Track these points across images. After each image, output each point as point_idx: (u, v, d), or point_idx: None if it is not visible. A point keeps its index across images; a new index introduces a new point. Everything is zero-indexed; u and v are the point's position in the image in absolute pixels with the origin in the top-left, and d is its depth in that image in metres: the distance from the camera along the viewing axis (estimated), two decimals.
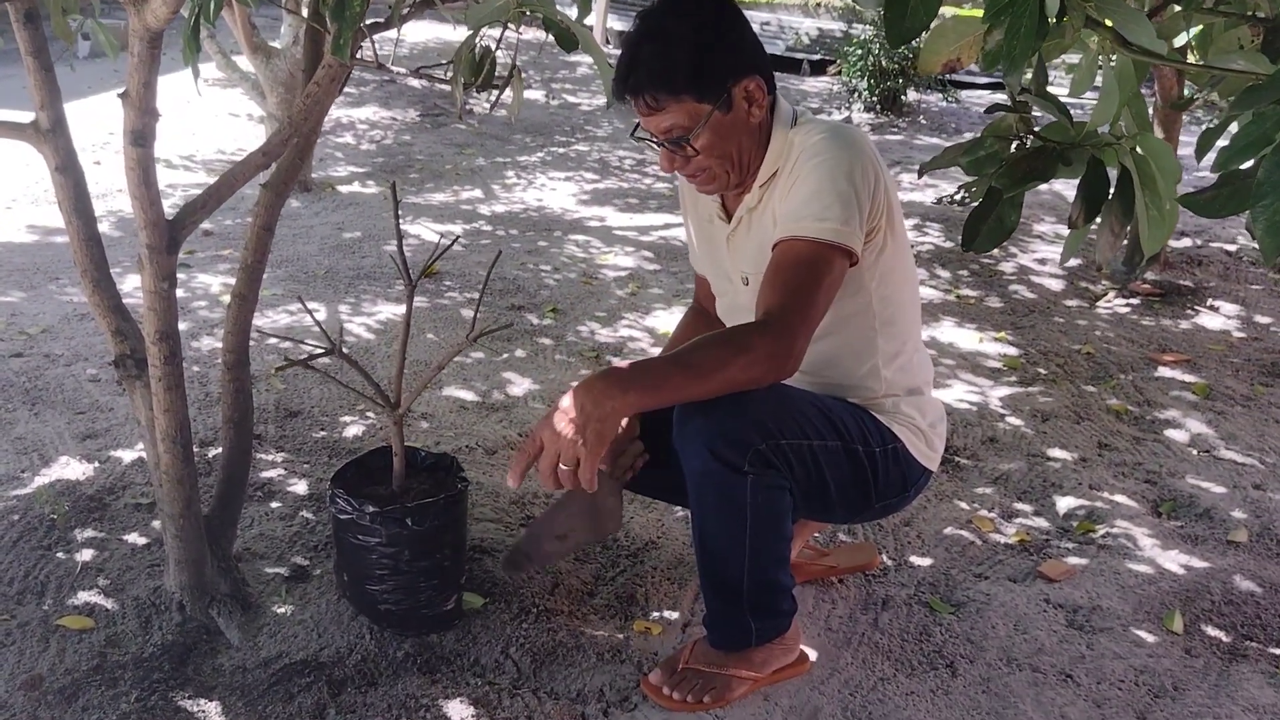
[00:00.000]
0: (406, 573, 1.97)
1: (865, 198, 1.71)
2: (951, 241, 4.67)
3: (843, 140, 1.73)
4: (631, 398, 1.56)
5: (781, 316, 1.62)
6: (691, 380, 1.60)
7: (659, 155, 1.82)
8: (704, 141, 1.74)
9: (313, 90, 1.82)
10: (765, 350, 1.60)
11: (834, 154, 1.71)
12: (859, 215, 1.69)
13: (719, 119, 1.73)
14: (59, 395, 2.94)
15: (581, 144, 6.20)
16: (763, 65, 1.77)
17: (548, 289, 3.92)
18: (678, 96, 1.70)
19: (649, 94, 1.71)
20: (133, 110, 1.58)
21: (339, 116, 6.47)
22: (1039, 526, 2.52)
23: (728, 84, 1.72)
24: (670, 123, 1.73)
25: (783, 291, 1.65)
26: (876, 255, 1.80)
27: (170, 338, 1.82)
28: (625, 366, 1.61)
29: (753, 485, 1.69)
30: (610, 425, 1.55)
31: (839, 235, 1.66)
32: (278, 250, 4.23)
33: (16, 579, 2.12)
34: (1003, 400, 3.18)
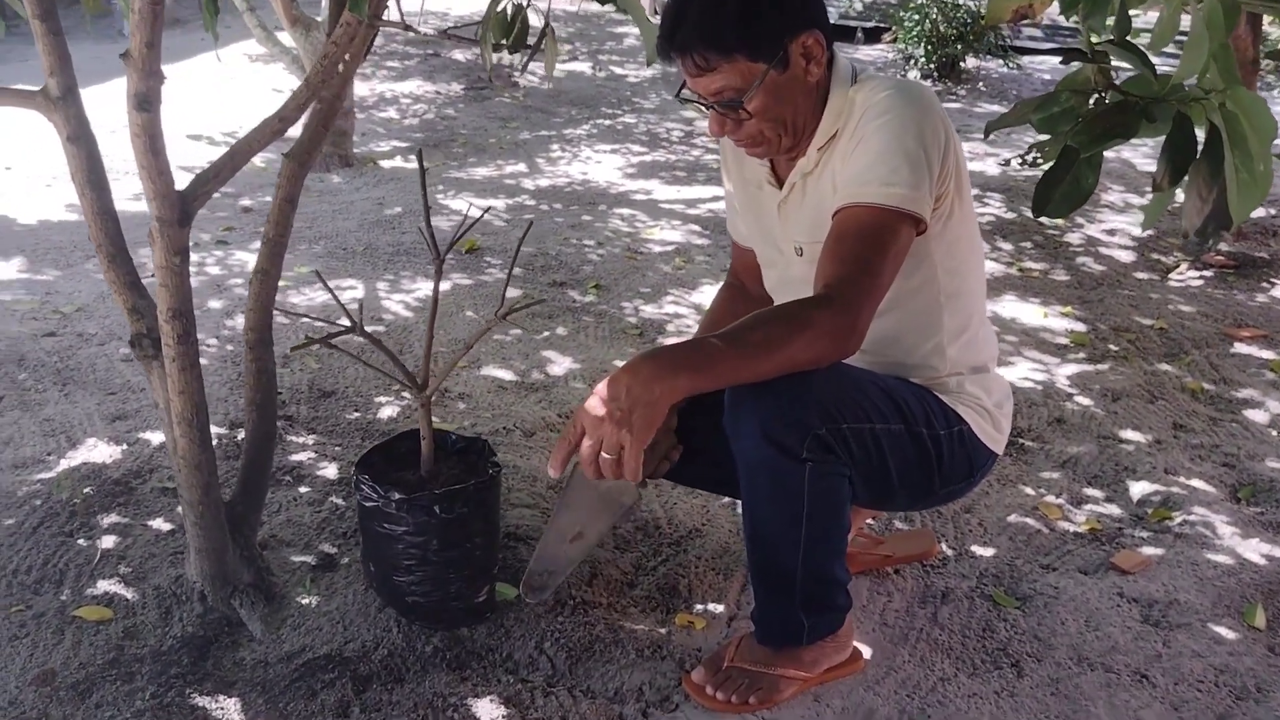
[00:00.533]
0: (435, 563, 1.87)
1: (935, 160, 1.56)
2: (1014, 212, 4.47)
3: (911, 97, 1.58)
4: (681, 381, 1.42)
5: (844, 290, 1.48)
6: (747, 360, 1.46)
7: (707, 119, 1.67)
8: (758, 104, 1.59)
9: (329, 50, 1.70)
10: (827, 327, 1.46)
11: (902, 112, 1.56)
12: (929, 179, 1.54)
13: (775, 79, 1.58)
14: (90, 375, 2.88)
15: (629, 116, 6.05)
16: (821, 18, 1.62)
17: (591, 264, 3.80)
18: (729, 55, 1.55)
19: (697, 53, 1.56)
20: (135, 72, 1.47)
21: (382, 90, 6.38)
22: (1110, 514, 2.36)
23: (784, 40, 1.57)
24: (721, 84, 1.58)
25: (845, 263, 1.51)
26: (944, 223, 1.66)
27: (184, 316, 1.72)
28: (674, 347, 1.48)
29: (811, 473, 1.56)
30: (658, 411, 1.42)
31: (907, 201, 1.52)
32: (316, 226, 4.15)
33: (35, 567, 2.05)
34: (1070, 379, 3.01)
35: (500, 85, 6.59)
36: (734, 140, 1.68)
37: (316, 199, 4.53)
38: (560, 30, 8.12)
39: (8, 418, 2.65)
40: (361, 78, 6.58)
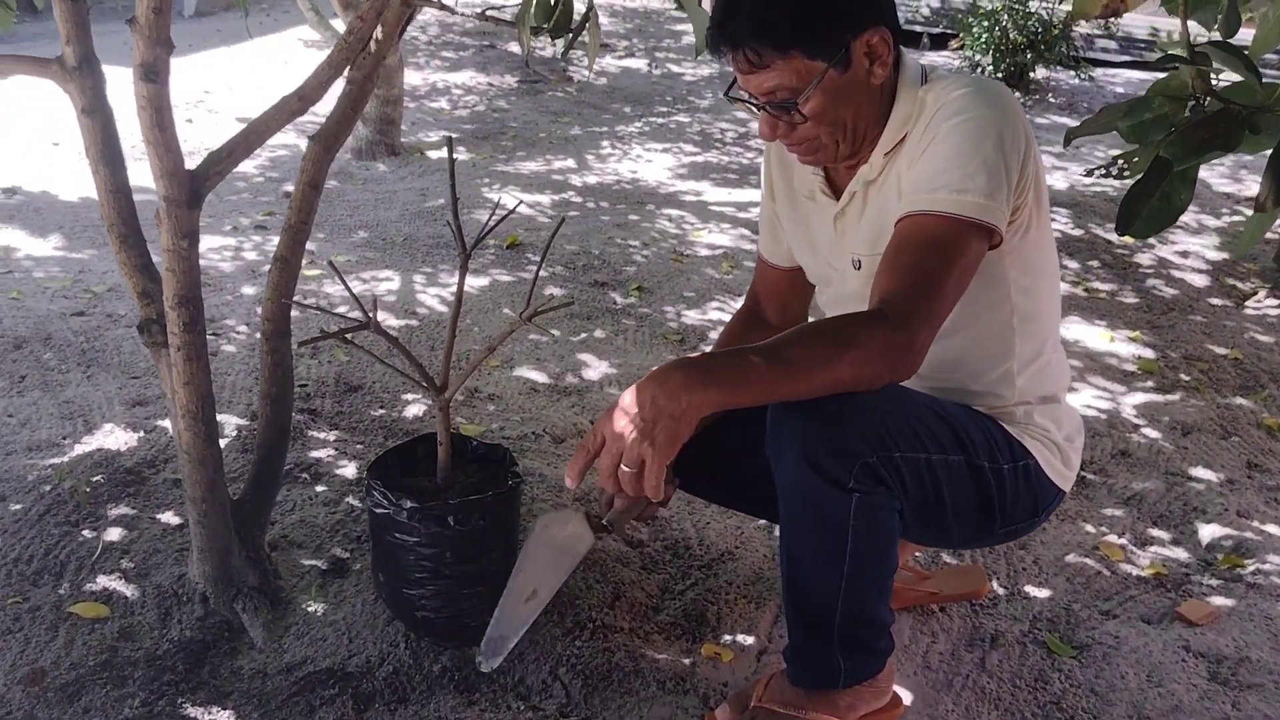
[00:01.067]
0: (448, 577, 1.75)
1: (1014, 167, 1.41)
2: (1081, 229, 4.27)
3: (990, 97, 1.43)
4: (712, 394, 1.28)
5: (903, 305, 1.34)
6: (787, 378, 1.32)
7: (759, 120, 1.52)
8: (814, 106, 1.44)
9: (355, 25, 1.59)
10: (881, 345, 1.32)
11: (980, 112, 1.41)
12: (1006, 188, 1.40)
13: (834, 80, 1.43)
14: (115, 358, 2.80)
15: (682, 115, 5.91)
16: (888, 14, 1.47)
17: (634, 265, 3.67)
18: (785, 52, 1.40)
19: (750, 47, 1.41)
20: (142, 40, 1.37)
21: (435, 80, 6.30)
22: (1177, 558, 2.19)
23: (846, 38, 1.42)
24: (775, 83, 1.43)
25: (906, 275, 1.37)
26: (1020, 237, 1.51)
27: (191, 303, 1.62)
28: (707, 357, 1.35)
29: (857, 505, 1.41)
30: (684, 425, 1.29)
31: (981, 211, 1.37)
32: (358, 215, 4.07)
33: (36, 557, 1.96)
34: (1137, 408, 2.83)
35: (554, 79, 6.48)
36: (787, 145, 1.54)
37: (360, 187, 4.45)
38: (618, 26, 8.02)
39: (28, 397, 2.58)
40: (414, 67, 6.52)
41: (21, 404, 2.55)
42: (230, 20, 7.68)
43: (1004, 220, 1.41)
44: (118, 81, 1.73)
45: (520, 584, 1.55)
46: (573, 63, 6.88)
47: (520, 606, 1.53)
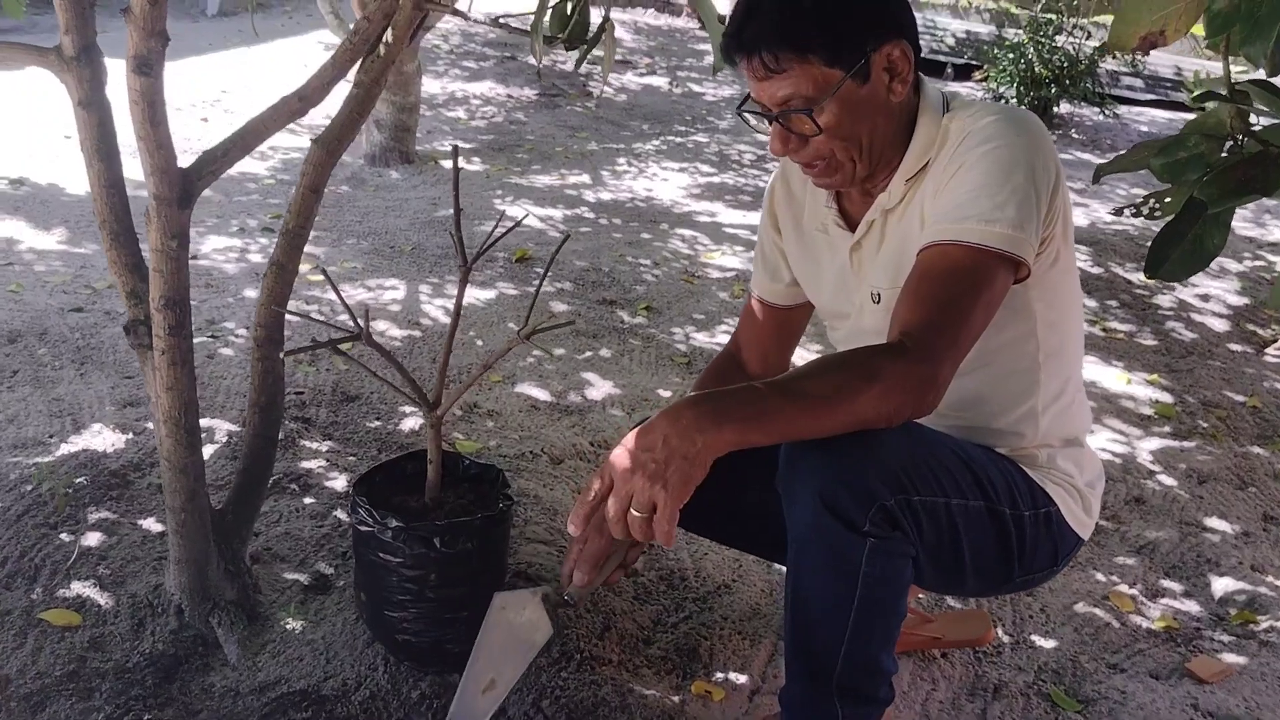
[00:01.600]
0: (431, 600, 1.68)
1: (1044, 198, 1.35)
2: (1101, 267, 4.20)
3: (1021, 126, 1.37)
4: (728, 433, 1.20)
5: (925, 338, 1.27)
6: (806, 414, 1.24)
7: (770, 134, 1.45)
8: (830, 118, 1.38)
9: (361, 25, 1.54)
10: (903, 379, 1.25)
11: (1010, 141, 1.35)
12: (1035, 219, 1.33)
13: (851, 91, 1.37)
14: (110, 356, 2.75)
15: (701, 135, 5.86)
16: (910, 31, 1.41)
17: (644, 285, 3.61)
18: (803, 56, 1.35)
19: (768, 50, 1.35)
20: (136, 31, 1.32)
21: (454, 89, 6.27)
22: (1189, 611, 2.11)
23: (866, 48, 1.36)
24: (790, 90, 1.37)
25: (928, 307, 1.30)
26: (1047, 270, 1.44)
27: (177, 306, 1.56)
28: (720, 394, 1.26)
29: (871, 550, 1.33)
30: (698, 466, 1.20)
31: (1009, 242, 1.31)
32: (367, 221, 4.02)
33: (10, 560, 1.90)
34: (1154, 454, 2.75)
35: (573, 94, 6.45)
36: (798, 162, 1.48)
37: (372, 193, 4.41)
38: (641, 44, 7.99)
39: (18, 393, 2.53)
40: (434, 75, 6.49)
41: (11, 399, 2.50)
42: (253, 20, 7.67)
43: (1032, 252, 1.35)
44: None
45: (478, 671, 1.45)
46: (592, 77, 6.84)
47: (479, 698, 1.45)
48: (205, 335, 2.93)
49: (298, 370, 2.76)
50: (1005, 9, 7.66)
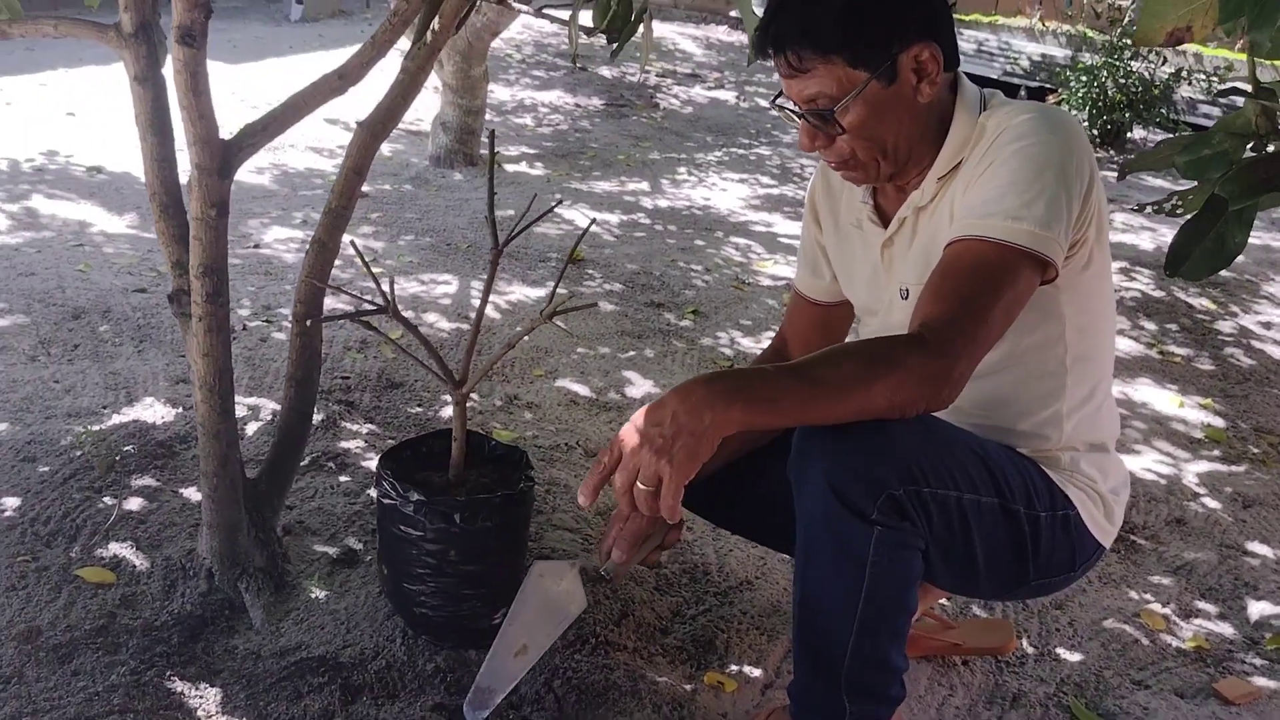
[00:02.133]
0: (450, 576, 1.72)
1: (1076, 199, 1.34)
2: (1162, 290, 4.11)
3: (1055, 124, 1.36)
4: (736, 412, 1.21)
5: (944, 331, 1.26)
6: (817, 399, 1.24)
7: (799, 129, 1.46)
8: (853, 119, 1.39)
9: (399, 7, 1.59)
10: (918, 371, 1.24)
11: (1045, 139, 1.34)
12: (1065, 220, 1.32)
13: (876, 92, 1.37)
14: (169, 335, 2.84)
15: (764, 148, 5.87)
16: (942, 31, 1.41)
17: (694, 289, 3.63)
18: (826, 57, 1.35)
19: (793, 50, 1.37)
20: (181, 2, 1.37)
21: (523, 97, 6.36)
22: (1221, 633, 2.06)
23: (892, 49, 1.36)
24: (815, 89, 1.38)
25: (948, 301, 1.29)
26: (1079, 273, 1.43)
27: (215, 273, 1.62)
28: (733, 372, 1.27)
29: (879, 539, 1.33)
30: (706, 443, 1.20)
31: (1035, 241, 1.30)
32: (427, 219, 4.10)
33: (54, 519, 1.98)
34: (1199, 477, 2.69)
35: (640, 105, 6.50)
36: (826, 159, 1.49)
37: (434, 192, 4.49)
38: (711, 59, 8.02)
39: (77, 365, 2.63)
40: (504, 83, 6.59)
41: (70, 371, 2.59)
42: (334, 26, 7.87)
43: (1060, 253, 1.33)
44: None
45: (511, 635, 1.48)
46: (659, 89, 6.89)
47: (510, 660, 1.47)
48: (260, 320, 3.01)
49: (345, 356, 2.82)
50: (1082, 33, 7.55)
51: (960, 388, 1.28)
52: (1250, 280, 4.40)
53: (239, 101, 5.03)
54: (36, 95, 5.33)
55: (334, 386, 2.63)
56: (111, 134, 4.74)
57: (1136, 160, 1.36)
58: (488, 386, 2.73)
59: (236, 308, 3.03)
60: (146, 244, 3.53)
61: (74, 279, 3.16)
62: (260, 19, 7.94)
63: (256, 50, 6.76)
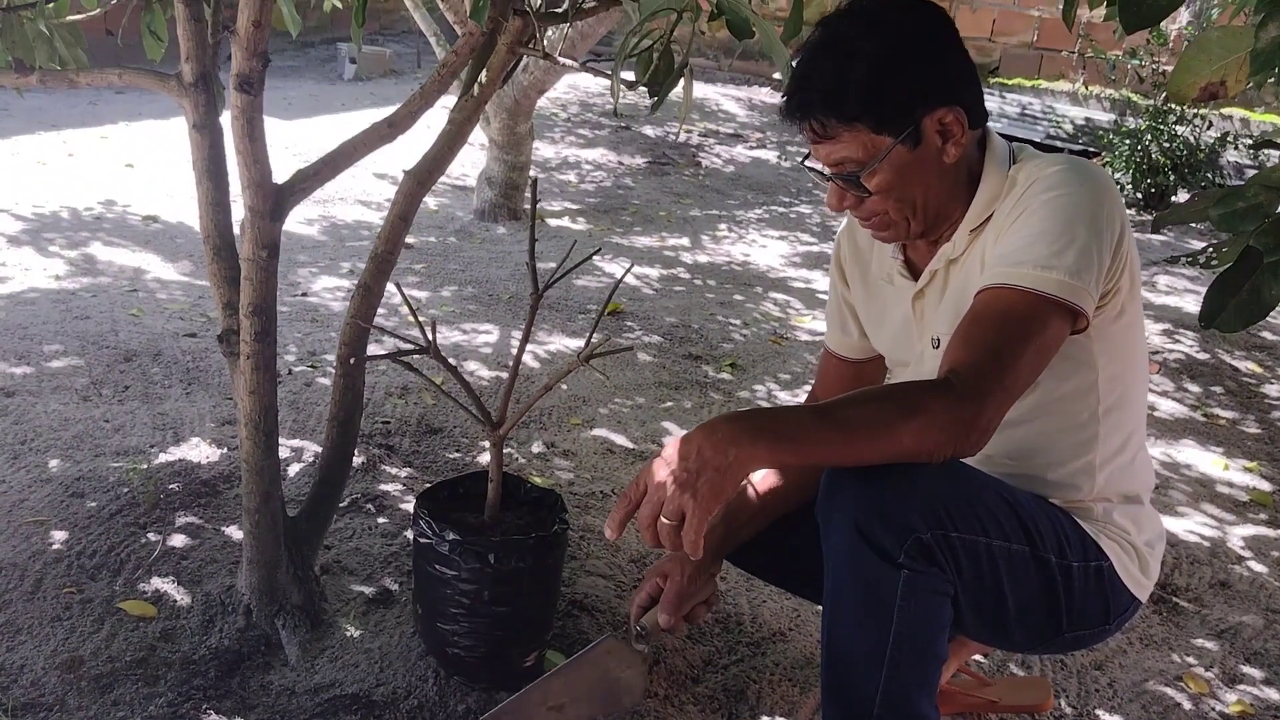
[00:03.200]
0: (484, 616, 1.73)
1: (1107, 250, 1.36)
2: (1207, 353, 4.07)
3: (1086, 175, 1.38)
4: (761, 450, 1.22)
5: (971, 378, 1.27)
6: (842, 440, 1.25)
7: (828, 191, 1.50)
8: (880, 182, 1.41)
9: (448, 59, 1.64)
10: (941, 415, 1.25)
11: (1075, 190, 1.36)
12: (1095, 270, 1.34)
13: (902, 155, 1.40)
14: (217, 379, 2.90)
15: (805, 206, 5.91)
16: (966, 93, 1.43)
17: (732, 343, 3.65)
18: (850, 124, 1.39)
19: (817, 118, 1.40)
20: (240, 51, 1.44)
21: (567, 155, 6.46)
22: (1268, 699, 2.01)
23: (916, 113, 1.39)
24: (842, 154, 1.41)
25: (976, 349, 1.30)
26: (1110, 323, 1.44)
27: (264, 313, 1.67)
28: (760, 411, 1.29)
29: (906, 582, 1.32)
30: (729, 478, 1.21)
31: (1065, 290, 1.31)
32: (470, 270, 4.16)
33: (99, 552, 2.02)
34: (1245, 540, 2.64)
35: (682, 163, 6.58)
36: (855, 217, 1.51)
37: (478, 245, 4.56)
38: (754, 119, 8.11)
39: (127, 406, 2.69)
40: (549, 141, 6.70)
41: (120, 411, 2.65)
42: (385, 86, 8.06)
43: (1091, 303, 1.34)
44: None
45: (553, 689, 1.49)
46: (702, 148, 6.97)
47: (541, 710, 1.48)
48: (306, 365, 3.07)
49: (387, 402, 2.86)
50: (1126, 96, 7.56)
51: (988, 434, 1.28)
52: None
53: (292, 156, 5.15)
54: (98, 147, 5.50)
55: (374, 431, 2.67)
56: (168, 185, 4.88)
57: (1171, 213, 1.37)
58: (525, 434, 2.76)
59: (283, 353, 3.09)
60: (198, 290, 3.61)
61: (127, 323, 3.24)
62: (315, 78, 8.15)
63: (310, 107, 6.94)
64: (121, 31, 2.31)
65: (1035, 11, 8.73)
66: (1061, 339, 1.35)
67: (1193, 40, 1.25)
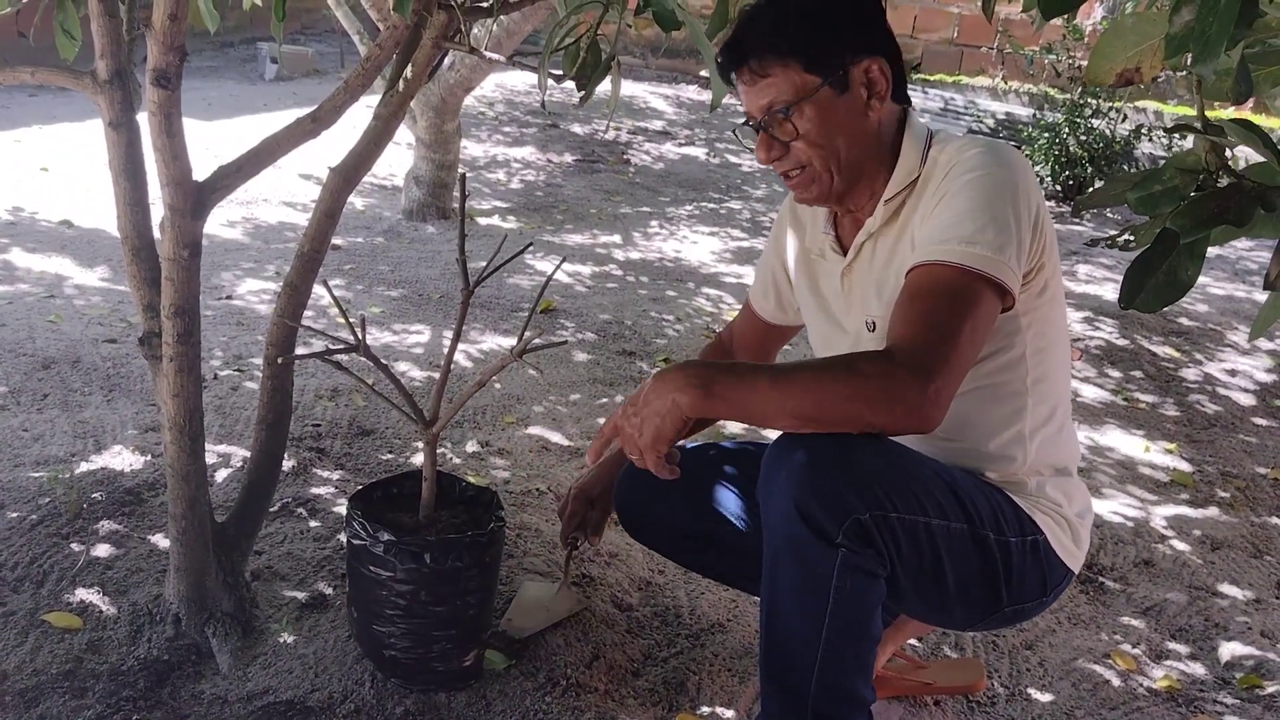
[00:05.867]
0: (421, 617, 1.71)
1: (1026, 229, 1.41)
2: (1126, 339, 4.18)
3: (1004, 159, 1.44)
4: (698, 397, 1.30)
5: (911, 350, 1.30)
6: (783, 398, 1.30)
7: (756, 144, 1.54)
8: (807, 122, 1.47)
9: (372, 53, 1.62)
10: (882, 383, 1.28)
11: (994, 172, 1.42)
12: (1015, 248, 1.38)
13: (828, 97, 1.47)
14: (138, 385, 2.83)
15: (735, 201, 5.94)
16: (890, 49, 1.51)
17: (666, 338, 3.65)
18: (784, 61, 1.46)
19: (755, 58, 1.47)
20: (156, 46, 1.40)
21: (495, 153, 6.42)
22: (1193, 674, 2.07)
23: (845, 59, 1.46)
24: (772, 96, 1.48)
25: (915, 323, 1.34)
26: (1036, 298, 1.49)
27: (187, 314, 1.63)
28: (708, 362, 1.38)
29: (843, 562, 1.34)
30: (669, 422, 1.31)
31: (990, 265, 1.36)
32: (399, 271, 4.12)
33: (21, 564, 1.96)
34: (1167, 520, 2.72)
35: (611, 160, 6.57)
36: (780, 173, 1.56)
37: (406, 245, 4.51)
38: (683, 117, 8.14)
39: (46, 415, 2.61)
40: (476, 140, 6.65)
41: (39, 420, 2.57)
42: (308, 85, 7.94)
43: (1013, 278, 1.39)
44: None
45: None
46: (631, 145, 6.98)
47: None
48: (232, 369, 3.00)
49: (317, 404, 2.82)
50: (1044, 91, 7.73)
51: (940, 406, 1.31)
52: (1213, 329, 4.47)
53: (213, 157, 5.02)
54: (10, 151, 5.34)
55: (305, 434, 2.63)
56: (85, 189, 4.75)
57: (1090, 197, 1.40)
58: (459, 433, 2.73)
59: (208, 358, 3.03)
60: (117, 296, 3.52)
61: (44, 330, 3.15)
62: (235, 78, 8.00)
63: (231, 108, 6.81)
64: (34, 32, 2.25)
65: (955, 8, 8.89)
66: (994, 313, 1.39)
67: (1109, 27, 1.28)
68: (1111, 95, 6.59)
